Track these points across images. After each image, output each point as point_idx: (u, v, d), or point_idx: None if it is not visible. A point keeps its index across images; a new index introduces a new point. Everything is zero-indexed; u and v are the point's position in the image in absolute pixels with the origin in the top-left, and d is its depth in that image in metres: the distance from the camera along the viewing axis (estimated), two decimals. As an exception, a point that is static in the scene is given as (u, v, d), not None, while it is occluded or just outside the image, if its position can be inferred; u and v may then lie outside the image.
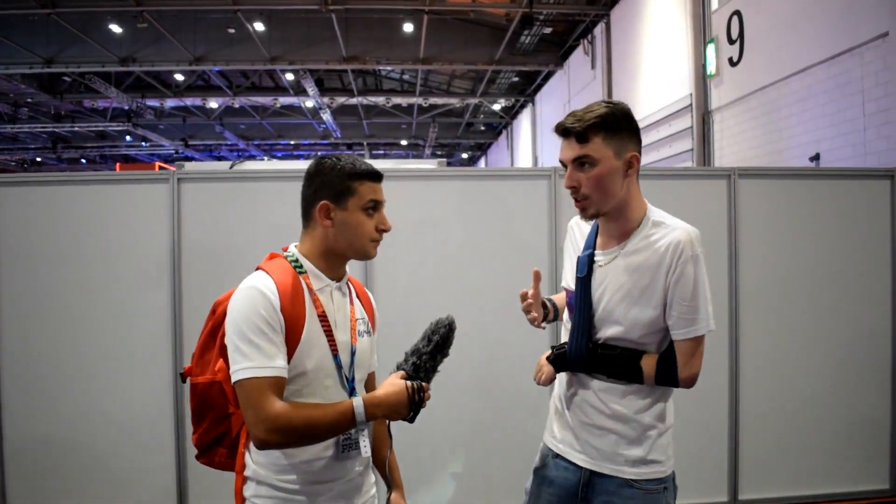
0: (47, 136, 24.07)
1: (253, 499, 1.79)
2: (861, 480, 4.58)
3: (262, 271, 1.80)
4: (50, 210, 4.20)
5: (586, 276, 2.05)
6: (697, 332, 1.96)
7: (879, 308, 4.56)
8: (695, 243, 1.94)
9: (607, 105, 1.95)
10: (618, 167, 1.95)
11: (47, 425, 4.20)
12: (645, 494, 2.00)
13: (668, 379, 1.98)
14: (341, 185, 1.81)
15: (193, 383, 1.90)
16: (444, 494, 4.29)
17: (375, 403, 1.72)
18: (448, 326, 1.85)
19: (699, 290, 1.95)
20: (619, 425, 2.02)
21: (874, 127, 6.41)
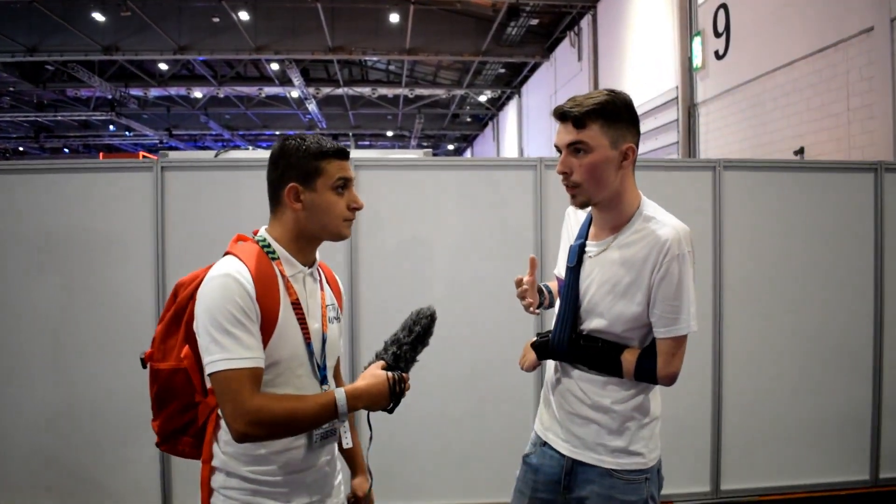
0: (29, 126, 23.86)
1: (221, 490, 1.75)
2: (842, 471, 4.62)
3: (233, 257, 1.74)
4: (32, 198, 4.15)
5: (576, 265, 2.05)
6: (679, 331, 1.95)
7: (863, 300, 4.60)
8: (682, 242, 1.91)
9: (609, 93, 1.92)
10: (613, 157, 1.92)
11: (25, 417, 4.16)
12: (626, 484, 2.00)
13: (646, 375, 1.98)
14: (308, 165, 1.76)
15: (155, 369, 1.84)
16: (428, 485, 4.29)
17: (357, 395, 1.70)
18: (430, 317, 1.84)
19: (683, 289, 1.92)
20: (599, 415, 2.02)
21: (858, 121, 6.44)
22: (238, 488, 1.74)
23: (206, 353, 1.64)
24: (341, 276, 4.13)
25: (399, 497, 4.23)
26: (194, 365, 1.76)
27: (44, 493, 4.18)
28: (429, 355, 1.88)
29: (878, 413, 4.61)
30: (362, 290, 4.22)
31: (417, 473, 4.30)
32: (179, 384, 1.81)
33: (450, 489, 4.32)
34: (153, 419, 1.89)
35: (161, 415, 1.87)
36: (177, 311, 1.82)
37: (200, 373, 1.76)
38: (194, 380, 1.79)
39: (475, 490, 4.31)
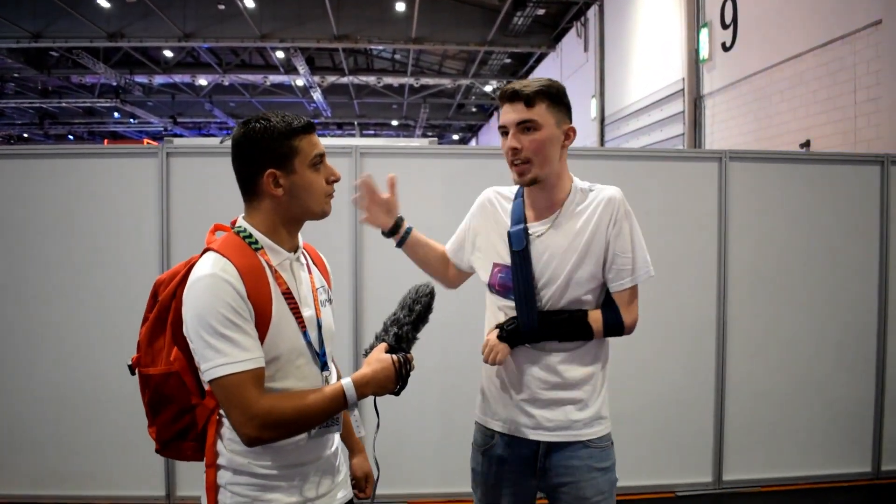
0: (34, 112, 23.85)
1: (229, 486, 1.69)
2: (844, 463, 4.63)
3: (215, 253, 1.65)
4: (37, 183, 4.16)
5: (524, 248, 2.10)
6: (637, 280, 2.08)
7: (867, 293, 4.60)
8: (625, 201, 2.08)
9: (549, 80, 2.08)
10: (557, 136, 2.05)
11: (28, 405, 4.19)
12: (600, 451, 2.11)
13: (615, 328, 2.09)
14: (282, 147, 1.67)
15: (145, 374, 1.74)
16: (427, 473, 4.31)
17: (364, 382, 1.66)
18: (429, 294, 1.82)
19: (636, 241, 2.07)
20: (567, 393, 2.09)
21: (865, 115, 6.42)
22: (246, 484, 1.68)
23: (203, 360, 1.57)
24: (346, 264, 4.16)
25: (399, 485, 4.24)
26: (186, 367, 1.69)
27: (47, 482, 4.21)
28: (429, 342, 1.86)
29: (881, 405, 4.62)
30: (367, 276, 4.23)
31: (417, 461, 4.31)
32: (173, 388, 1.72)
33: (449, 477, 4.33)
34: (149, 425, 1.81)
35: (156, 422, 1.79)
36: (159, 313, 1.73)
37: (194, 374, 1.70)
38: (188, 382, 1.71)
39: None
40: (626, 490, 4.31)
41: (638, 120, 12.04)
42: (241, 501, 1.68)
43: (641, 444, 4.39)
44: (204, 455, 1.76)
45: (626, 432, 4.34)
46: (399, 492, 4.25)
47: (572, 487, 2.07)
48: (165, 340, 1.72)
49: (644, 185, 4.38)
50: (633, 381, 4.36)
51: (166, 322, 1.72)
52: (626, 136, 12.60)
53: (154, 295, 1.78)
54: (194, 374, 1.70)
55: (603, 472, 2.09)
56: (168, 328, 1.71)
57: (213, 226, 1.82)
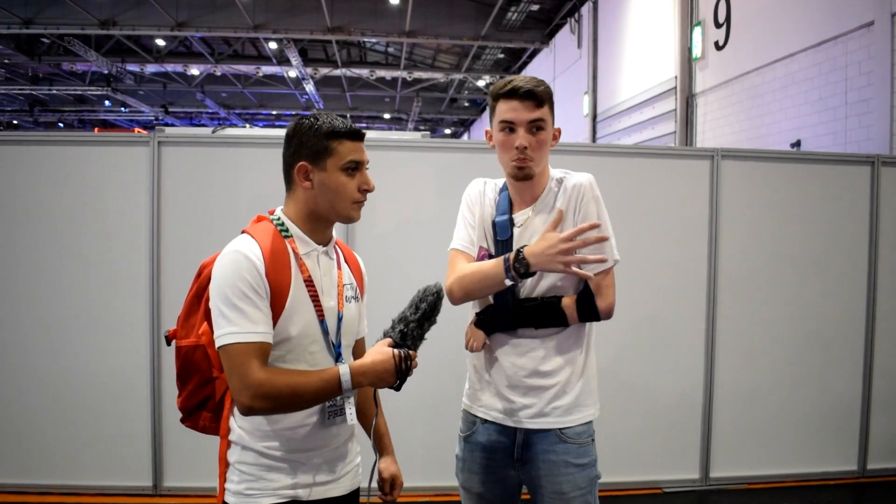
0: (24, 99, 23.71)
1: (237, 465, 1.77)
2: (830, 461, 4.66)
3: (247, 235, 1.77)
4: (27, 171, 4.13)
5: (508, 238, 2.15)
6: (606, 265, 2.08)
7: (856, 293, 4.63)
8: (594, 185, 2.13)
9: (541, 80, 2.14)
10: (552, 135, 2.15)
11: (18, 392, 4.17)
12: (578, 447, 2.11)
13: (589, 314, 2.10)
14: (318, 144, 1.76)
15: (178, 346, 1.87)
16: (424, 465, 4.31)
17: (362, 371, 1.70)
18: (436, 294, 1.84)
19: (603, 226, 2.08)
20: (545, 381, 2.12)
21: (856, 115, 6.45)
22: (253, 463, 1.76)
23: (216, 328, 1.67)
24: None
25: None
26: (211, 341, 1.76)
27: (35, 471, 4.19)
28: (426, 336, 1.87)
29: (868, 404, 4.65)
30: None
31: (414, 453, 4.32)
32: (199, 360, 1.84)
33: (436, 472, 4.34)
34: (178, 396, 1.92)
35: (183, 391, 1.89)
36: (198, 289, 1.85)
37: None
38: (212, 356, 1.80)
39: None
40: (614, 486, 4.34)
41: (630, 117, 12.06)
42: (246, 479, 1.76)
43: (629, 441, 4.40)
44: (217, 429, 1.86)
45: (614, 429, 4.36)
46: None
47: (549, 482, 2.10)
48: (199, 316, 1.84)
49: (636, 183, 4.39)
50: (621, 377, 4.38)
51: (202, 299, 1.83)
52: (617, 133, 12.62)
53: (198, 274, 1.88)
54: None
55: (581, 468, 2.10)
56: (202, 304, 1.83)
57: (256, 216, 1.89)
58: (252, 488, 1.75)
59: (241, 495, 1.75)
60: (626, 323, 4.28)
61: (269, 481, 1.75)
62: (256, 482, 1.75)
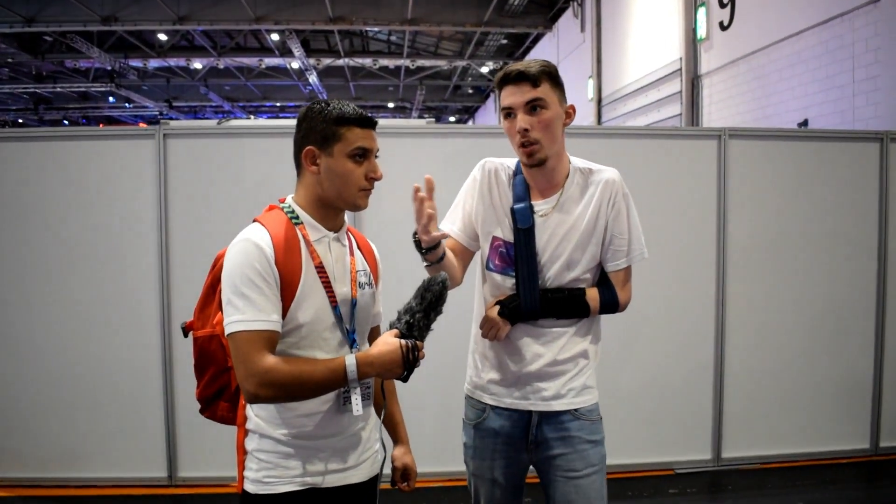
0: (29, 97, 23.74)
1: (255, 453, 1.78)
2: (842, 440, 4.66)
3: (257, 223, 1.77)
4: (35, 166, 4.15)
5: (530, 227, 2.12)
6: (633, 261, 2.17)
7: (866, 270, 4.61)
8: (623, 182, 2.15)
9: (543, 60, 2.13)
10: (561, 113, 2.10)
11: (29, 385, 4.20)
12: (591, 424, 2.16)
13: (610, 306, 2.17)
14: (327, 130, 1.76)
15: (195, 337, 1.89)
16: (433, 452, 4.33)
17: (368, 362, 1.69)
18: (441, 284, 1.82)
19: (633, 223, 2.15)
20: (564, 366, 2.14)
21: (863, 93, 6.40)
22: (271, 451, 1.77)
23: (225, 316, 1.68)
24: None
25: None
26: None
27: (52, 464, 4.23)
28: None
29: (880, 382, 4.64)
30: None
31: (418, 443, 4.33)
32: (215, 350, 1.86)
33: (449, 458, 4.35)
34: (196, 387, 1.94)
35: (201, 382, 1.92)
36: (213, 281, 1.87)
37: None
38: (226, 345, 1.80)
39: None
40: (625, 468, 4.34)
41: (635, 100, 12.00)
42: (265, 466, 1.77)
43: (640, 422, 4.41)
44: (234, 418, 1.88)
45: (626, 410, 4.37)
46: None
47: (563, 460, 2.12)
48: (214, 306, 1.86)
49: (643, 164, 4.37)
50: (632, 359, 4.38)
51: (216, 289, 1.84)
52: (623, 116, 12.57)
53: (213, 265, 1.89)
54: None
55: (593, 444, 2.14)
56: (216, 295, 1.84)
57: (268, 206, 1.88)
58: (270, 476, 1.76)
59: (260, 483, 1.76)
60: (635, 305, 4.26)
61: (287, 468, 1.76)
62: (275, 469, 1.76)
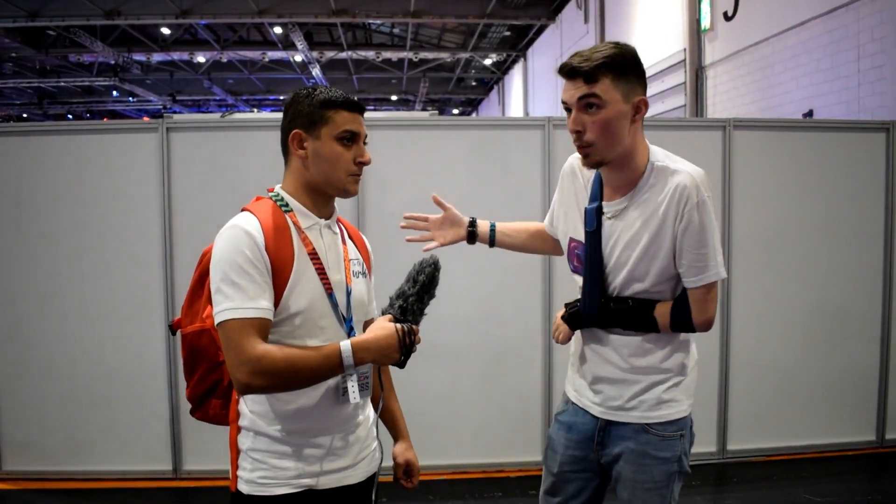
0: (33, 92, 23.69)
1: (249, 452, 1.73)
2: (848, 432, 4.65)
3: (246, 211, 1.74)
4: (39, 160, 4.15)
5: (596, 229, 1.99)
6: (708, 279, 1.92)
7: (872, 261, 4.59)
8: (700, 188, 1.87)
9: (615, 45, 1.87)
10: (626, 111, 1.86)
11: (35, 380, 4.22)
12: (661, 440, 2.00)
13: (683, 325, 1.97)
14: (314, 113, 1.73)
15: (184, 334, 1.82)
16: (441, 446, 4.33)
17: (364, 347, 1.64)
18: (433, 265, 1.79)
19: (708, 237, 1.88)
20: (636, 377, 2.01)
21: (868, 83, 6.36)
22: (265, 450, 1.72)
23: (215, 305, 1.64)
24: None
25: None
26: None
27: (58, 458, 4.25)
28: (437, 315, 1.85)
29: (886, 374, 4.63)
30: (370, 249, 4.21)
31: (430, 434, 4.33)
32: (205, 345, 1.79)
33: (462, 450, 4.36)
34: (186, 387, 1.88)
35: (192, 380, 1.85)
36: (200, 275, 1.81)
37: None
38: (217, 338, 1.74)
39: (487, 451, 4.35)
40: (631, 460, 4.33)
41: (639, 92, 11.94)
42: (260, 467, 1.72)
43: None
44: (226, 417, 1.83)
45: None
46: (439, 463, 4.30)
47: (626, 469, 2.01)
48: (202, 301, 1.80)
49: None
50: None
51: (205, 283, 1.79)
52: (627, 108, 12.52)
53: (200, 260, 1.84)
54: None
55: (661, 461, 1.99)
56: (205, 289, 1.78)
57: (255, 197, 1.84)
58: (266, 477, 1.71)
59: (255, 484, 1.72)
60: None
61: (282, 469, 1.71)
62: (270, 471, 1.71)
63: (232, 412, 1.79)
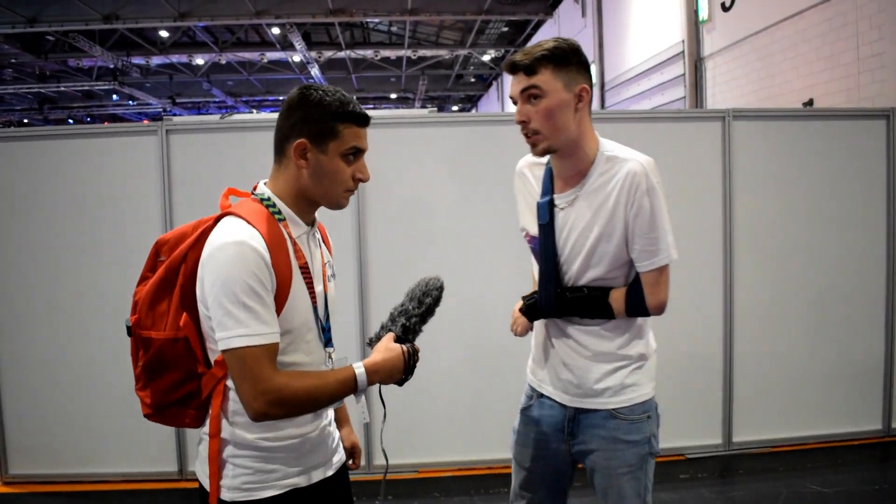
0: (33, 97, 23.75)
1: (231, 459, 1.69)
2: (854, 422, 4.64)
3: (240, 220, 1.61)
4: (40, 165, 4.15)
5: (549, 222, 2.06)
6: (660, 262, 1.99)
7: (874, 249, 4.58)
8: (650, 175, 1.95)
9: (556, 40, 1.97)
10: (568, 99, 1.95)
11: (38, 382, 4.23)
12: (629, 424, 2.06)
13: (637, 310, 2.03)
14: (325, 125, 1.65)
15: (146, 337, 1.69)
16: (439, 444, 4.33)
17: (375, 369, 1.66)
18: (440, 289, 1.81)
19: (658, 221, 1.96)
20: (598, 364, 2.07)
21: (868, 71, 6.34)
22: (249, 456, 1.68)
23: (221, 328, 1.54)
24: (349, 235, 4.14)
25: (413, 455, 4.28)
26: (195, 334, 1.66)
27: (63, 461, 4.26)
28: (438, 316, 1.85)
29: (891, 362, 4.62)
30: (370, 249, 4.21)
31: (429, 433, 4.34)
32: (178, 355, 1.68)
33: (459, 447, 4.36)
34: (139, 388, 1.76)
35: (152, 385, 1.74)
36: (166, 275, 1.68)
37: (202, 342, 1.68)
38: (197, 351, 1.67)
39: (482, 447, 4.35)
40: (637, 453, 4.32)
41: (638, 85, 11.94)
42: (244, 472, 1.68)
43: (651, 408, 4.39)
44: (200, 424, 1.77)
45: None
46: (406, 461, 4.29)
47: (599, 457, 2.08)
48: (171, 305, 1.67)
49: (647, 148, 4.24)
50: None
51: (174, 285, 1.67)
52: (626, 101, 12.51)
53: (155, 254, 1.76)
54: (203, 342, 1.68)
55: (631, 444, 2.05)
56: (176, 292, 1.67)
57: (226, 190, 1.79)
58: (249, 482, 1.68)
59: (239, 490, 1.68)
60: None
61: (267, 473, 1.69)
62: (254, 475, 1.68)
63: (212, 426, 1.70)
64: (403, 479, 4.24)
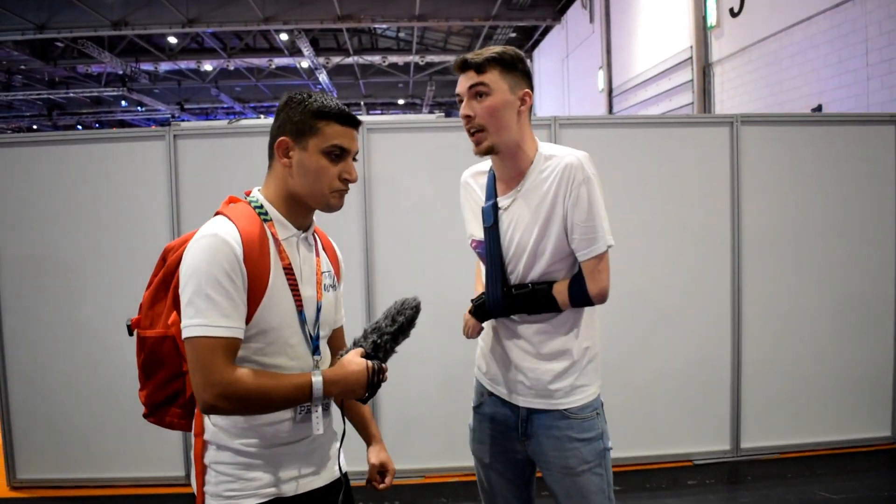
0: (42, 104, 23.88)
1: (213, 465, 1.69)
2: (862, 428, 4.61)
3: (223, 217, 1.66)
4: (49, 170, 4.18)
5: (493, 224, 2.11)
6: (598, 250, 2.02)
7: (883, 255, 4.55)
8: (585, 166, 2.00)
9: (504, 47, 2.06)
10: (512, 101, 2.03)
11: (45, 386, 4.24)
12: (581, 422, 2.10)
13: (581, 299, 2.06)
14: (304, 122, 1.67)
15: (142, 336, 1.75)
16: (433, 449, 4.32)
17: (334, 381, 1.64)
18: (414, 308, 1.79)
19: (595, 210, 2.00)
20: (546, 363, 2.10)
21: (877, 77, 6.33)
22: (229, 462, 1.67)
23: (184, 316, 1.56)
24: (356, 238, 4.14)
25: (419, 461, 4.27)
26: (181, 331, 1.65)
27: (71, 465, 4.27)
28: (447, 320, 1.85)
29: (899, 368, 4.59)
30: (379, 253, 4.21)
31: (434, 438, 4.33)
32: (166, 352, 1.73)
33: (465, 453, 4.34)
34: (140, 389, 1.81)
35: (148, 385, 1.79)
36: (165, 277, 1.74)
37: None
38: (182, 348, 1.68)
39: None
40: (644, 459, 4.32)
41: (646, 90, 11.93)
42: (224, 479, 1.68)
43: (658, 414, 4.38)
44: (188, 424, 1.78)
45: (643, 402, 4.34)
46: (411, 467, 4.28)
47: (555, 457, 2.11)
48: (166, 305, 1.72)
49: (655, 153, 4.34)
50: (649, 350, 4.35)
51: (169, 286, 1.72)
52: (634, 106, 12.51)
53: (162, 259, 1.79)
54: None
55: (586, 442, 2.10)
56: (170, 292, 1.72)
57: (227, 197, 1.80)
58: (231, 490, 1.67)
59: (221, 497, 1.67)
60: (651, 295, 4.25)
61: (248, 481, 1.67)
62: (235, 482, 1.67)
63: (196, 425, 1.72)
64: (409, 484, 4.23)
